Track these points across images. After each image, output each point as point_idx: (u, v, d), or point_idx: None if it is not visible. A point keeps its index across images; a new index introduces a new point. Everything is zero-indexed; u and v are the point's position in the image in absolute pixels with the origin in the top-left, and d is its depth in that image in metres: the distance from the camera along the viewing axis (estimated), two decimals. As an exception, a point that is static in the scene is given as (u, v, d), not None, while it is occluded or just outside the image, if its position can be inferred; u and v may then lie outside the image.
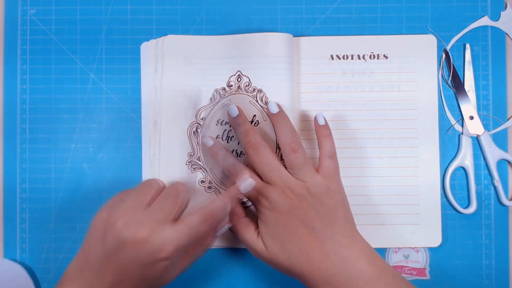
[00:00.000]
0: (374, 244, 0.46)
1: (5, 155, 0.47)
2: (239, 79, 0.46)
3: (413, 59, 0.46)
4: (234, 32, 0.47)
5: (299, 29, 0.47)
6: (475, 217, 0.47)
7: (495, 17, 0.47)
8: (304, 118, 0.47)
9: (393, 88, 0.46)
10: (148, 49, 0.47)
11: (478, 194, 0.47)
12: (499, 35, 0.47)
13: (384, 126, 0.46)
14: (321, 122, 0.43)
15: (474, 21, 0.47)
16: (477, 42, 0.47)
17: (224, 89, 0.46)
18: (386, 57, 0.46)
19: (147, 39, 0.47)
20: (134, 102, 0.47)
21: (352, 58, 0.46)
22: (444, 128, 0.47)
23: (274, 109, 0.43)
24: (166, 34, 0.47)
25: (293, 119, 0.45)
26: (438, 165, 0.46)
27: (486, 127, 0.47)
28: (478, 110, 0.47)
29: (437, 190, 0.46)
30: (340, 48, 0.47)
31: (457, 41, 0.47)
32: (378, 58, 0.46)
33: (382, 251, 0.46)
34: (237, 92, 0.46)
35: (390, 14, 0.47)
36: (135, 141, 0.47)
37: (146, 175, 0.46)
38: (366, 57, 0.46)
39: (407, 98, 0.46)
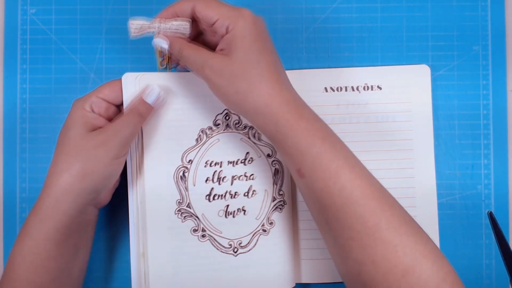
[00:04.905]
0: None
1: (5, 155, 0.47)
2: (227, 118, 0.44)
3: (407, 89, 0.46)
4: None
5: (299, 28, 0.47)
6: (475, 217, 0.47)
7: (495, 17, 0.47)
8: None
9: (388, 119, 0.46)
10: (128, 83, 0.42)
11: (478, 194, 0.47)
12: (499, 35, 0.47)
13: (379, 157, 0.46)
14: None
15: (474, 21, 0.47)
16: (477, 42, 0.47)
17: (210, 128, 0.44)
18: (380, 88, 0.46)
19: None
20: (134, 102, 0.47)
21: (346, 90, 0.46)
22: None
23: None
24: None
25: None
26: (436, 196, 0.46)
27: (486, 127, 0.47)
28: (478, 109, 0.47)
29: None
30: (334, 80, 0.46)
31: (457, 40, 0.47)
32: (372, 89, 0.46)
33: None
34: (225, 131, 0.44)
35: (390, 14, 0.47)
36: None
37: (132, 228, 0.43)
38: (360, 88, 0.46)
39: (402, 128, 0.46)
